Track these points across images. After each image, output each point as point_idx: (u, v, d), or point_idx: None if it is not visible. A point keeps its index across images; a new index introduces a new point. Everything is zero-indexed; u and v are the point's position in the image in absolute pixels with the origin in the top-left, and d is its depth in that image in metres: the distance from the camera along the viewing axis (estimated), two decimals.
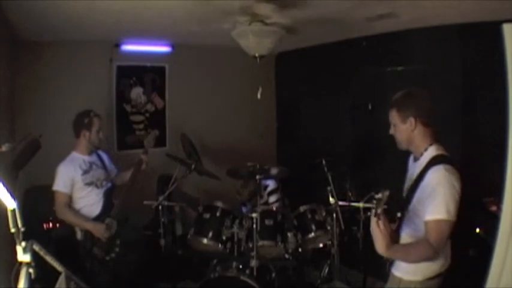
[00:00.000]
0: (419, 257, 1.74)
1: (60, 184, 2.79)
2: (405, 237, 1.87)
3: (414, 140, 1.87)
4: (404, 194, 1.95)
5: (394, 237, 1.82)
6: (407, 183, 1.94)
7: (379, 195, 1.63)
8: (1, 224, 1.69)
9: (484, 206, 2.68)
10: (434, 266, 1.80)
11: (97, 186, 2.93)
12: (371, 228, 1.66)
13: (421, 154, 1.85)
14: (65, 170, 2.81)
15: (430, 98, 1.87)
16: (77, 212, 2.84)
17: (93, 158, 3.01)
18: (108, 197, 2.98)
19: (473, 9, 2.75)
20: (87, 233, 2.80)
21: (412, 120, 1.83)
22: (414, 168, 1.90)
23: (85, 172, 2.88)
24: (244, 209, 3.76)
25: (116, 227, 2.86)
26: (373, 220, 1.64)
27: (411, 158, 2.01)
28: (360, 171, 3.87)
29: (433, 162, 1.76)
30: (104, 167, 3.07)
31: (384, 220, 1.63)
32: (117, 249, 2.88)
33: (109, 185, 3.02)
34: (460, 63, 3.28)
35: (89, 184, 2.88)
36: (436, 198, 1.67)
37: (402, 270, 1.87)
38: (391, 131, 1.95)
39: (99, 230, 2.78)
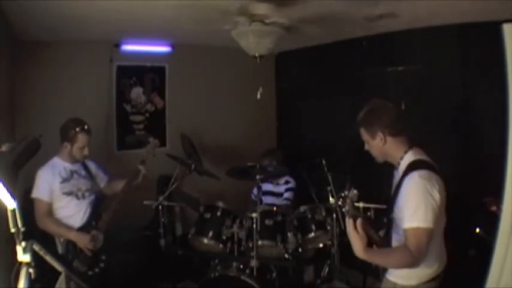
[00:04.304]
0: (398, 262, 1.73)
1: (40, 191, 2.58)
2: (395, 243, 1.86)
3: (388, 152, 1.87)
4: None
5: (381, 243, 1.83)
6: (392, 192, 1.94)
7: (344, 193, 1.65)
8: (1, 224, 1.69)
9: (484, 206, 2.68)
10: (428, 270, 1.79)
11: (77, 197, 2.68)
12: (347, 231, 1.66)
13: (399, 163, 1.85)
14: (44, 176, 2.61)
15: (393, 108, 1.86)
16: (59, 222, 2.62)
17: (76, 166, 2.76)
18: (94, 208, 2.74)
19: (473, 9, 2.75)
20: (69, 244, 2.59)
21: (380, 134, 1.83)
22: (396, 177, 1.90)
23: (64, 180, 2.65)
24: (255, 192, 3.79)
25: (102, 240, 2.65)
26: (349, 222, 1.64)
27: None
28: (360, 171, 3.87)
29: (409, 168, 1.76)
30: (89, 177, 2.82)
31: (360, 222, 1.63)
32: (101, 265, 2.65)
33: (92, 196, 2.78)
34: (460, 63, 3.28)
35: (67, 194, 2.64)
36: (411, 206, 1.67)
37: (396, 275, 1.86)
38: (366, 147, 1.95)
39: (83, 240, 2.57)
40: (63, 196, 2.63)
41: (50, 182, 2.61)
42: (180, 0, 2.62)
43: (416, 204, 1.65)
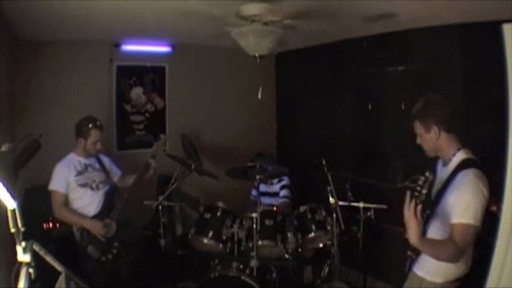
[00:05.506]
0: (446, 255, 1.75)
1: (56, 183, 2.81)
2: (431, 235, 1.89)
3: (441, 147, 1.90)
4: (432, 197, 1.95)
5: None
6: (436, 186, 1.95)
7: (426, 175, 1.66)
8: (1, 224, 1.69)
9: None
10: (456, 269, 1.84)
11: (92, 188, 2.91)
12: (405, 216, 1.66)
13: (450, 159, 1.88)
14: (60, 170, 2.83)
15: (449, 104, 1.89)
16: (74, 211, 2.85)
17: (91, 160, 3.00)
18: (107, 199, 2.97)
19: (473, 9, 2.75)
20: (83, 231, 2.81)
21: (435, 128, 1.86)
22: (443, 172, 1.92)
23: (79, 173, 2.88)
24: (254, 192, 3.83)
25: (114, 228, 2.86)
26: (410, 207, 1.64)
27: (440, 163, 2.03)
28: (360, 171, 3.87)
29: (462, 166, 1.79)
30: (103, 170, 3.05)
31: (421, 209, 1.65)
32: (114, 251, 2.87)
33: (106, 187, 3.00)
34: (460, 63, 3.28)
35: (82, 185, 2.87)
36: (463, 202, 1.70)
37: (425, 270, 1.89)
38: (418, 141, 1.97)
39: (96, 228, 2.79)
40: (78, 187, 2.85)
41: (66, 175, 2.82)
42: (180, 0, 2.62)
43: (468, 201, 1.69)
